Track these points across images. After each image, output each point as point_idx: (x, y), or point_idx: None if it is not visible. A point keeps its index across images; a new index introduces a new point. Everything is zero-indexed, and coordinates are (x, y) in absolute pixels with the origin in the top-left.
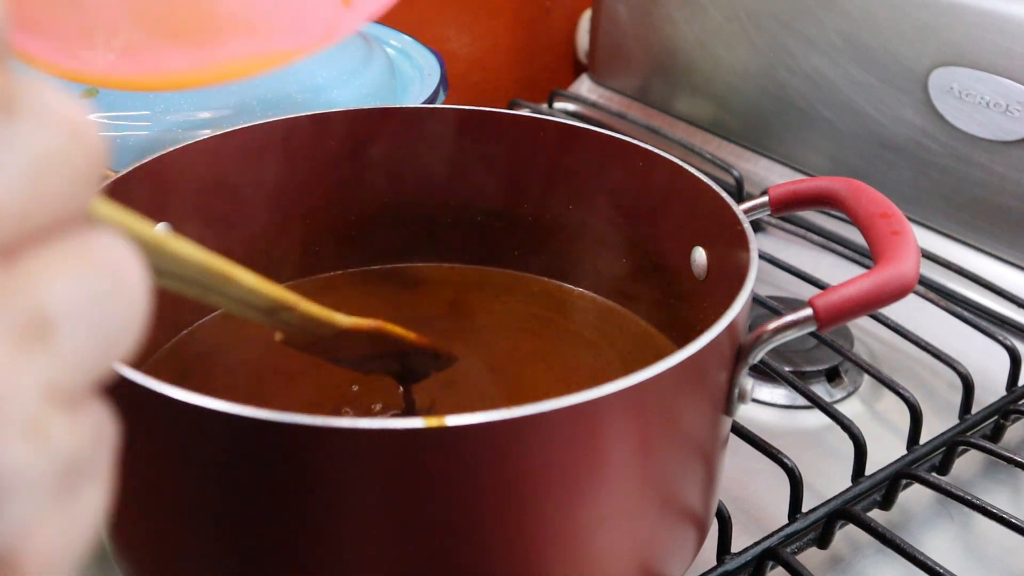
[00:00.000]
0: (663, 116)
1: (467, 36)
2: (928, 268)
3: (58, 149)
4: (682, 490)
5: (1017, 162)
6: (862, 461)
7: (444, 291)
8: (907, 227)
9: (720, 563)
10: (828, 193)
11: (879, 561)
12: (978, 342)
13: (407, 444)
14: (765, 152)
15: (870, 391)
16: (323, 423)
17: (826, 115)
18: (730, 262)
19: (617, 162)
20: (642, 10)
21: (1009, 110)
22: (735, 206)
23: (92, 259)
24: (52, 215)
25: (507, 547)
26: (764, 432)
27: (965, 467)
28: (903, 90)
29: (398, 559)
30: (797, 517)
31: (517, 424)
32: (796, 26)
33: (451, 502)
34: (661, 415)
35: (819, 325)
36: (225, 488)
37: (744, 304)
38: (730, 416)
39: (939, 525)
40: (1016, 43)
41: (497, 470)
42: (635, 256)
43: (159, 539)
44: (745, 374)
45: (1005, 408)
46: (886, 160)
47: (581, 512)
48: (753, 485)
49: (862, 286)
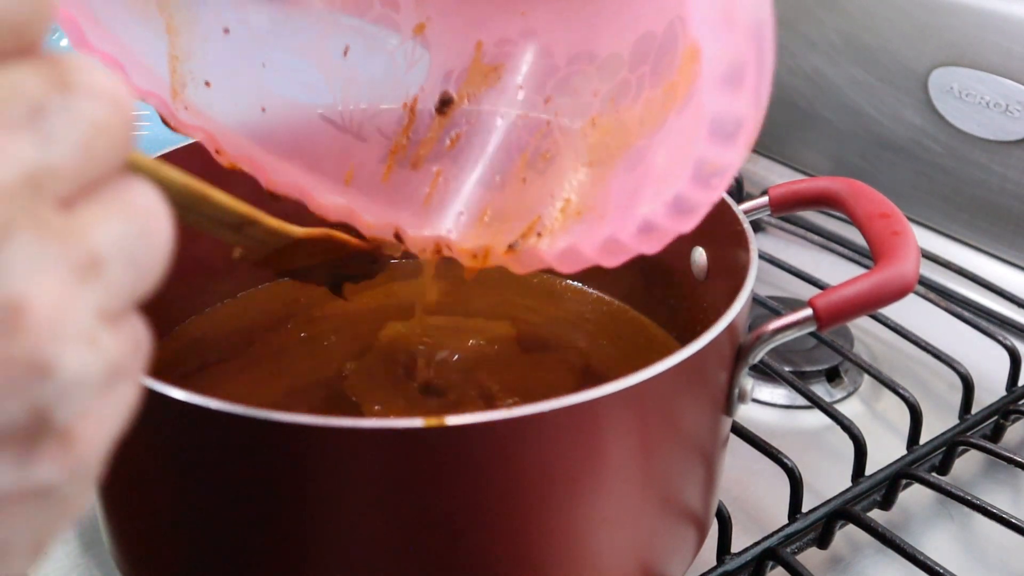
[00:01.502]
0: None
1: None
2: (928, 268)
3: (105, 118)
4: (682, 490)
5: (1017, 162)
6: (862, 461)
7: (439, 283)
8: (907, 227)
9: (720, 563)
10: (828, 193)
11: (879, 561)
12: (978, 342)
13: (407, 444)
14: (765, 152)
15: (870, 391)
16: (323, 423)
17: (826, 115)
18: (730, 262)
19: None
20: None
21: (1009, 110)
22: (735, 206)
23: (129, 205)
24: (99, 172)
25: (507, 547)
26: (764, 432)
27: (965, 467)
28: (903, 90)
29: (398, 559)
30: (797, 517)
31: (517, 424)
32: (796, 26)
33: (451, 502)
34: (661, 415)
35: (819, 325)
36: (224, 488)
37: (744, 304)
38: (730, 416)
39: (939, 525)
40: (1016, 43)
41: (497, 470)
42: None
43: (158, 539)
44: (745, 374)
45: (1005, 408)
46: (886, 160)
47: (581, 512)
48: (753, 485)
49: (862, 286)
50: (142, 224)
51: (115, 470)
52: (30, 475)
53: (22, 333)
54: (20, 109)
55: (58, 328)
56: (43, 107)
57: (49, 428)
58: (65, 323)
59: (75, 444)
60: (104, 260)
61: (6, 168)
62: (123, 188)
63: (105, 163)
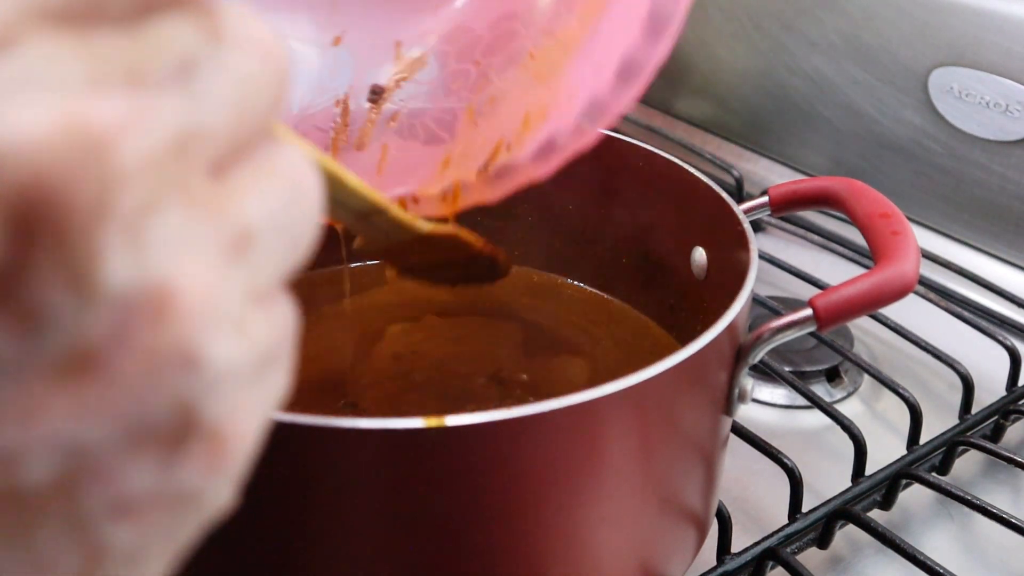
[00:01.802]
0: (663, 116)
1: None
2: (928, 268)
3: (258, 72)
4: (682, 490)
5: (1017, 162)
6: (862, 461)
7: None
8: (907, 227)
9: (720, 563)
10: (828, 193)
11: (879, 561)
12: (978, 342)
13: (407, 444)
14: (765, 152)
15: (870, 391)
16: (323, 423)
17: (826, 115)
18: (730, 262)
19: (617, 162)
20: None
21: (1009, 110)
22: (735, 206)
23: (280, 172)
24: (251, 132)
25: (507, 547)
26: (764, 432)
27: (965, 467)
28: (903, 90)
29: (398, 559)
30: (797, 517)
31: (517, 424)
32: (796, 26)
33: (451, 502)
34: (661, 415)
35: (819, 325)
36: None
37: (744, 304)
38: (730, 416)
39: (939, 525)
40: (1016, 43)
41: (497, 470)
42: (635, 256)
43: None
44: (745, 374)
45: (1005, 408)
46: (886, 160)
47: (581, 512)
48: (753, 485)
49: (862, 286)
50: (294, 191)
51: None
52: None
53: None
54: (171, 63)
55: (208, 315)
56: (194, 60)
57: (196, 427)
58: (216, 309)
59: (224, 443)
60: (256, 234)
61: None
62: (273, 151)
63: (258, 123)
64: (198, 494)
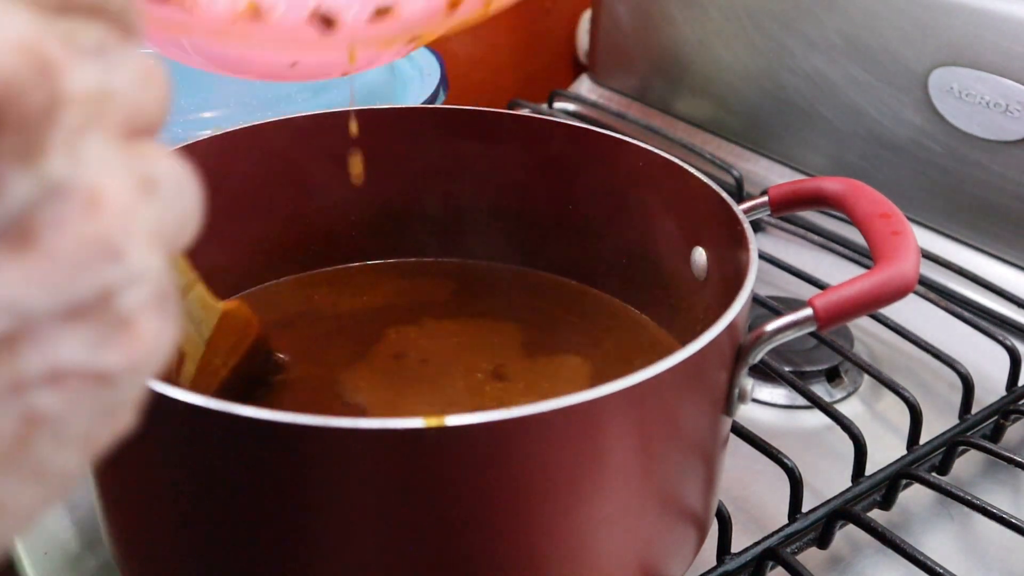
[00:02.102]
0: (663, 116)
1: (467, 36)
2: (928, 268)
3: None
4: (682, 490)
5: (1017, 162)
6: (862, 461)
7: (448, 282)
8: (907, 227)
9: (720, 563)
10: (828, 193)
11: (879, 561)
12: (978, 342)
13: (407, 444)
14: (765, 152)
15: (870, 391)
16: (323, 423)
17: (826, 115)
18: (730, 262)
19: (617, 162)
20: (642, 10)
21: (1009, 110)
22: (735, 206)
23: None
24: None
25: (507, 547)
26: (764, 432)
27: (965, 467)
28: (903, 90)
29: (398, 559)
30: (797, 517)
31: (517, 424)
32: (796, 26)
33: (451, 502)
34: (661, 415)
35: (819, 325)
36: (225, 488)
37: (744, 304)
38: (730, 416)
39: (939, 525)
40: (1016, 43)
41: (497, 470)
42: (635, 256)
43: (158, 538)
44: (745, 374)
45: (1005, 408)
46: (886, 160)
47: (581, 512)
48: (753, 485)
49: (862, 286)
50: (183, 181)
51: (116, 470)
52: (97, 357)
53: (97, 216)
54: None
55: (127, 222)
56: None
57: (115, 313)
58: (133, 221)
59: (138, 338)
60: (160, 184)
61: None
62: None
63: (151, 114)
64: (115, 380)
